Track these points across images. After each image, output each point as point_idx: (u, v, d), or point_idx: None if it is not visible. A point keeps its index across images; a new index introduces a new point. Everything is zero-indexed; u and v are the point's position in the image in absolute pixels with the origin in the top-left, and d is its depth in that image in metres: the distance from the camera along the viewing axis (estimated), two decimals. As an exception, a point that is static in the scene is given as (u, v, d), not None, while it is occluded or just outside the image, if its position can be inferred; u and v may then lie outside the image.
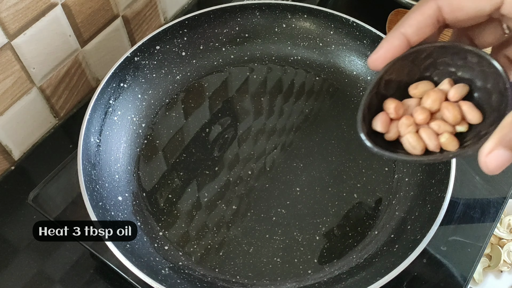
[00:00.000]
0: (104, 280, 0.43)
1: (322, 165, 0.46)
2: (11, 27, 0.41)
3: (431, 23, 0.28)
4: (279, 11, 0.52)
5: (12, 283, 0.43)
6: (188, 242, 0.42)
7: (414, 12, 0.28)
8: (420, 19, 0.28)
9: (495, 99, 0.28)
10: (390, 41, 0.28)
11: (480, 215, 0.46)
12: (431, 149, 0.29)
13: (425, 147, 0.29)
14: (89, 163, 0.42)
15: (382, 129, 0.30)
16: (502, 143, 0.24)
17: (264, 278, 0.40)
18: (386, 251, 0.40)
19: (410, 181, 0.44)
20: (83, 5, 0.47)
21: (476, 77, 0.29)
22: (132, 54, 0.47)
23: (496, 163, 0.24)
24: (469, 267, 0.43)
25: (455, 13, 0.27)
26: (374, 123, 0.30)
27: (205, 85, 0.52)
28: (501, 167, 0.24)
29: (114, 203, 0.42)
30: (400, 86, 0.31)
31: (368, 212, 0.43)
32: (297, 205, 0.44)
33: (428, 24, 0.28)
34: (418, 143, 0.28)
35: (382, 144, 0.30)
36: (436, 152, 0.29)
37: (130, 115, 0.48)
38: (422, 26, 0.28)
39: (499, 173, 0.23)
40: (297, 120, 0.50)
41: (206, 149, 0.47)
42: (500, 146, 0.24)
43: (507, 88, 0.27)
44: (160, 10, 0.59)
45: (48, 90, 0.49)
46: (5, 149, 0.48)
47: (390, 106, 0.30)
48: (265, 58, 0.53)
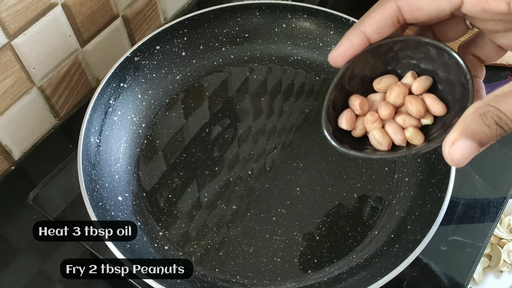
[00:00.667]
0: (104, 280, 0.43)
1: (322, 165, 0.46)
2: (11, 27, 0.41)
3: (391, 22, 0.28)
4: (279, 11, 0.52)
5: (12, 283, 0.43)
6: (188, 242, 0.42)
7: (374, 11, 0.28)
8: (380, 18, 0.28)
9: (457, 90, 0.28)
10: (350, 39, 0.28)
11: (480, 215, 0.46)
12: (397, 143, 0.29)
13: (392, 142, 0.29)
14: (89, 163, 0.42)
15: (347, 126, 0.30)
16: (464, 134, 0.24)
17: (264, 278, 0.40)
18: (386, 251, 0.40)
19: (410, 181, 0.44)
20: (83, 5, 0.47)
21: (438, 69, 0.29)
22: (132, 54, 0.47)
23: (460, 154, 0.24)
24: (469, 267, 0.43)
25: (415, 13, 0.27)
26: (339, 121, 0.30)
27: (205, 85, 0.52)
28: (466, 158, 0.24)
29: (114, 203, 0.42)
30: (365, 81, 0.31)
31: (368, 212, 0.43)
32: (297, 205, 0.44)
33: (388, 24, 0.28)
34: (383, 139, 0.29)
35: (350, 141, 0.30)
36: (403, 146, 0.29)
37: (130, 115, 0.48)
38: (382, 25, 0.28)
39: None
40: (297, 120, 0.50)
41: (206, 149, 0.47)
42: (463, 137, 0.24)
43: (468, 80, 0.27)
44: (160, 10, 0.59)
45: (48, 90, 0.49)
46: (5, 149, 0.48)
47: (355, 103, 0.30)
48: (265, 58, 0.53)
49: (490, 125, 0.23)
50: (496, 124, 0.23)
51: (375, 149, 0.29)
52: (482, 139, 0.24)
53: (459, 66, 0.27)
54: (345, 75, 0.30)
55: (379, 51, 0.30)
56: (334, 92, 0.30)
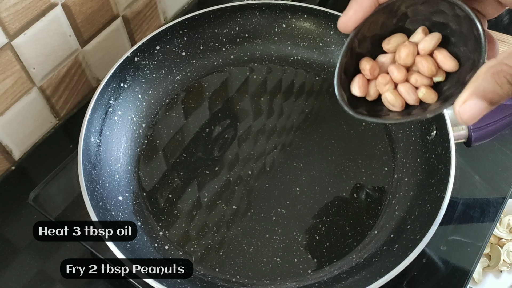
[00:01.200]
0: (104, 280, 0.43)
1: (322, 165, 0.46)
2: (11, 27, 0.41)
3: None
4: (279, 11, 0.52)
5: (12, 283, 0.43)
6: (188, 242, 0.42)
7: None
8: None
9: (470, 44, 0.28)
10: (360, 2, 0.28)
11: (479, 215, 0.46)
12: (411, 103, 0.29)
13: (405, 103, 0.29)
14: (90, 163, 0.42)
15: (360, 93, 0.30)
16: (475, 93, 0.24)
17: (264, 278, 0.40)
18: (386, 250, 0.40)
19: (409, 181, 0.45)
20: (83, 5, 0.47)
21: (450, 21, 0.29)
22: (132, 54, 0.48)
23: (470, 113, 0.24)
24: (469, 266, 0.43)
25: None
26: (352, 88, 0.30)
27: (205, 85, 0.52)
28: (475, 117, 0.25)
29: (114, 203, 0.42)
30: (375, 41, 0.31)
31: (368, 212, 0.43)
32: (297, 205, 0.44)
33: None
34: (396, 100, 0.29)
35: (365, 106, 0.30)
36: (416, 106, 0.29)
37: (130, 115, 0.48)
38: None
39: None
40: (297, 120, 0.50)
41: (206, 149, 0.47)
42: (474, 96, 0.24)
43: (480, 34, 0.27)
44: (160, 10, 0.59)
45: (48, 90, 0.49)
46: (6, 149, 0.48)
47: (365, 68, 0.30)
48: (265, 58, 0.53)
49: (502, 85, 0.23)
50: (508, 83, 0.23)
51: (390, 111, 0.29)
52: (493, 99, 0.24)
53: (470, 19, 0.27)
54: (354, 39, 0.30)
55: (388, 9, 0.29)
56: (345, 58, 0.30)
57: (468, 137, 0.43)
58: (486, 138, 0.44)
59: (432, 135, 0.44)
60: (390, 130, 0.48)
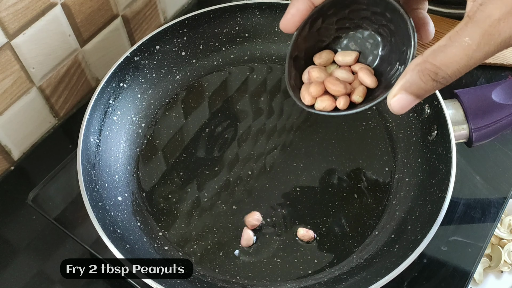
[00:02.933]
0: (104, 280, 0.43)
1: (322, 165, 0.46)
2: (10, 27, 0.41)
3: None
4: (279, 11, 0.52)
5: (12, 284, 0.43)
6: (188, 242, 0.42)
7: None
8: None
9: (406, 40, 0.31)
10: (296, 6, 0.32)
11: (480, 215, 0.46)
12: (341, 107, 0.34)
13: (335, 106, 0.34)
14: (89, 163, 0.42)
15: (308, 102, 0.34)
16: (404, 88, 0.28)
17: (264, 278, 0.40)
18: (386, 251, 0.40)
19: (410, 181, 0.44)
20: (82, 4, 0.47)
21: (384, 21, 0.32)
22: (132, 54, 0.47)
23: (400, 105, 0.28)
24: (470, 267, 0.43)
25: None
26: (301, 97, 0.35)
27: (205, 85, 0.52)
28: (404, 108, 0.28)
29: (113, 203, 0.42)
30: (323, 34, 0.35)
31: (369, 212, 0.43)
32: (297, 205, 0.44)
33: None
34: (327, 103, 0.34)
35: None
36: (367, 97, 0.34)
37: (130, 115, 0.48)
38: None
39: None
40: (297, 120, 0.50)
41: (206, 149, 0.47)
42: (403, 91, 0.28)
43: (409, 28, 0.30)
44: (160, 10, 0.59)
45: (47, 90, 0.49)
46: (5, 149, 0.48)
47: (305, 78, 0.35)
48: (265, 58, 0.53)
49: (427, 82, 0.27)
50: (432, 80, 0.26)
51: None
52: (419, 93, 0.28)
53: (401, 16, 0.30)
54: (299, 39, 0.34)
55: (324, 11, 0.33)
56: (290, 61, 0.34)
57: (469, 137, 0.43)
58: (487, 138, 0.43)
59: (433, 135, 0.44)
60: (390, 131, 0.48)
